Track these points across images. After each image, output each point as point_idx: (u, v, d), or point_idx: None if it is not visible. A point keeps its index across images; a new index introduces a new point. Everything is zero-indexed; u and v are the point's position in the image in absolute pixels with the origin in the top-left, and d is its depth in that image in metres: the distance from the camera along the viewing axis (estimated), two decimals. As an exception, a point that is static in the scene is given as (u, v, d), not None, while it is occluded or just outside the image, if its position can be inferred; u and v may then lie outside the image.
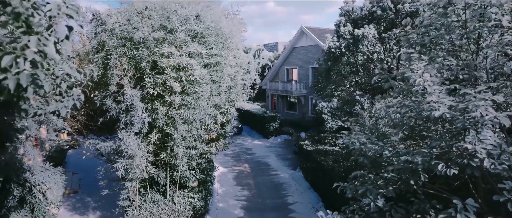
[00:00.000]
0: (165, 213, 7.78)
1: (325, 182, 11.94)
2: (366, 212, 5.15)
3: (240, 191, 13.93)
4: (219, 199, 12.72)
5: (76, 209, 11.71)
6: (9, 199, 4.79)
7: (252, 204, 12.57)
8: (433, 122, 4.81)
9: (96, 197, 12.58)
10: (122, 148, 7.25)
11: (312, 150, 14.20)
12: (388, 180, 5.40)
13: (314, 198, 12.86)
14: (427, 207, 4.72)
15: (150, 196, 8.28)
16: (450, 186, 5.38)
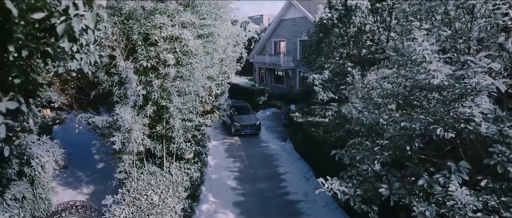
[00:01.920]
0: (163, 184, 7.88)
1: (315, 153, 12.32)
2: (363, 176, 5.41)
3: (232, 163, 14.20)
4: (212, 171, 12.95)
5: (69, 184, 11.66)
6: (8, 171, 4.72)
7: (245, 175, 12.89)
8: (429, 90, 4.98)
9: (87, 172, 12.53)
10: (119, 122, 7.16)
11: (302, 121, 14.47)
12: (384, 147, 5.65)
13: (304, 168, 13.30)
14: (421, 171, 5.01)
15: (147, 168, 8.33)
16: (439, 152, 5.69)
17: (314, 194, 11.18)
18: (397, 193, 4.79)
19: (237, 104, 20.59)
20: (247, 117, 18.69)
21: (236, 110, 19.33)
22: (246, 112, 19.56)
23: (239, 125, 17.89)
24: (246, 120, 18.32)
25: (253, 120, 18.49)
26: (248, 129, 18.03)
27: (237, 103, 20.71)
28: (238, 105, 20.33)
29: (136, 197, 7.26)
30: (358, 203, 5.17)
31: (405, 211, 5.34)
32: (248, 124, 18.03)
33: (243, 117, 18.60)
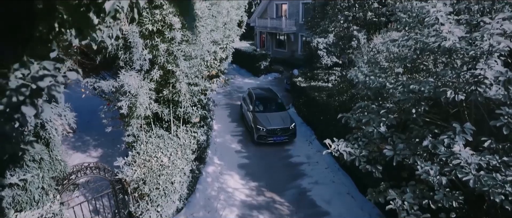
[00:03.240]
0: (171, 146, 8.11)
1: (318, 117, 12.51)
2: (368, 138, 5.59)
3: (235, 127, 14.46)
4: (216, 135, 13.22)
5: (77, 148, 11.97)
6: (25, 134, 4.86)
7: (248, 139, 13.19)
8: (439, 53, 4.98)
9: (94, 136, 12.80)
10: (125, 87, 7.20)
11: (305, 86, 14.50)
12: (389, 110, 5.77)
13: (307, 132, 13.57)
14: (425, 133, 5.16)
15: (155, 131, 8.51)
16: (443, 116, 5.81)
17: (317, 157, 11.55)
18: (401, 154, 4.98)
19: (260, 92, 14.75)
20: (276, 117, 12.79)
21: (258, 101, 13.74)
22: (273, 106, 13.73)
23: (264, 130, 12.17)
24: (275, 122, 12.47)
25: (285, 121, 12.58)
26: (279, 136, 12.22)
27: (259, 91, 14.86)
28: (261, 94, 14.35)
29: (146, 159, 7.51)
30: (363, 163, 5.39)
31: (408, 171, 5.58)
32: (278, 129, 12.22)
33: (270, 116, 12.78)
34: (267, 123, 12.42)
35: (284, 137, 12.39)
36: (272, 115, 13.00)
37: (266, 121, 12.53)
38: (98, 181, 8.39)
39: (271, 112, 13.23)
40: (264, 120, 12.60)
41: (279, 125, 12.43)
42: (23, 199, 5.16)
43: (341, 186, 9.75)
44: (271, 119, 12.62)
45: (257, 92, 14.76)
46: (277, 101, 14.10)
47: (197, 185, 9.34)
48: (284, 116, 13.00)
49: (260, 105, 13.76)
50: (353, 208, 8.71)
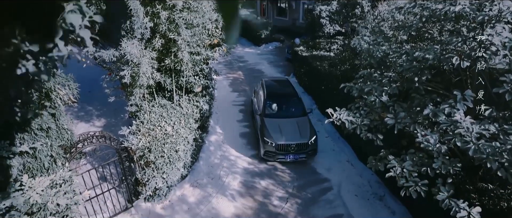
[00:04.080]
0: (174, 115, 8.21)
1: (319, 86, 12.52)
2: (370, 107, 5.65)
3: (237, 96, 14.51)
4: (217, 104, 13.30)
5: (80, 118, 12.10)
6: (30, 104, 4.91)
7: (249, 108, 13.28)
8: (446, 20, 4.90)
9: (96, 106, 12.89)
10: (127, 56, 7.15)
11: (307, 55, 14.36)
12: (392, 79, 5.78)
13: (308, 101, 13.63)
14: (427, 101, 5.21)
15: (158, 101, 8.57)
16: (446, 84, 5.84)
17: (317, 126, 11.69)
18: (402, 122, 5.07)
19: (273, 86, 11.35)
20: (291, 125, 9.51)
21: (270, 100, 10.38)
22: (289, 108, 10.35)
23: (272, 145, 9.03)
24: (290, 132, 9.25)
25: (303, 131, 9.28)
26: (293, 154, 9.03)
27: (272, 84, 11.50)
28: (274, 90, 10.95)
29: (150, 128, 7.63)
30: (364, 132, 5.50)
31: (408, 139, 5.71)
32: (293, 145, 8.99)
33: (283, 124, 9.50)
34: (277, 134, 9.10)
35: (301, 155, 8.99)
36: (286, 122, 9.56)
37: (276, 131, 9.21)
38: (104, 150, 8.59)
39: (285, 118, 9.76)
40: (275, 129, 9.28)
41: (294, 138, 8.98)
42: (34, 166, 5.33)
43: (341, 154, 9.98)
44: (284, 129, 9.26)
45: (270, 85, 11.31)
46: (295, 100, 10.50)
47: (201, 154, 9.57)
48: (302, 124, 9.50)
49: (271, 105, 10.26)
50: (352, 175, 8.99)
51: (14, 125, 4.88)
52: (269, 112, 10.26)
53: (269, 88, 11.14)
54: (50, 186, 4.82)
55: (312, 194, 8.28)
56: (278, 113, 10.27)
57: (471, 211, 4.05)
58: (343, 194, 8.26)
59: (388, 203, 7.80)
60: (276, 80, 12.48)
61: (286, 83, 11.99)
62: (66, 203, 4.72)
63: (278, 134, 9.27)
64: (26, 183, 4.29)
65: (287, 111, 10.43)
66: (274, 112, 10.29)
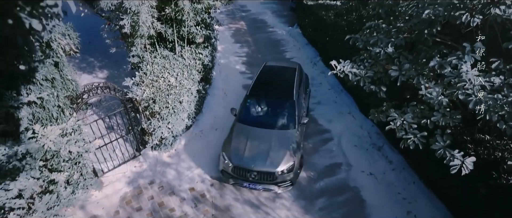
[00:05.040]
0: (177, 67, 8.18)
1: (324, 38, 12.23)
2: (375, 59, 5.58)
3: (239, 48, 14.26)
4: (220, 56, 13.15)
5: (83, 69, 12.06)
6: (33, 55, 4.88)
7: (252, 59, 13.14)
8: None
9: (98, 57, 12.77)
10: (125, 4, 6.90)
11: (312, 5, 13.79)
12: (399, 29, 5.62)
13: (312, 53, 13.43)
14: (434, 53, 5.13)
15: (160, 52, 8.47)
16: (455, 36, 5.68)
17: (320, 78, 11.67)
18: (406, 74, 5.04)
19: (268, 76, 8.70)
20: (264, 141, 6.99)
21: (254, 97, 8.03)
22: (274, 119, 7.57)
23: (229, 165, 6.76)
24: (255, 154, 6.77)
25: (275, 156, 6.71)
26: (254, 183, 6.72)
27: (269, 72, 8.87)
28: (265, 85, 8.35)
29: (154, 79, 7.65)
30: (367, 84, 5.50)
31: (411, 91, 5.72)
32: (254, 172, 6.62)
33: (254, 138, 7.07)
34: (240, 150, 6.77)
35: (268, 187, 6.66)
36: (262, 135, 7.05)
37: (241, 145, 6.86)
38: (109, 100, 8.72)
39: (264, 128, 7.24)
40: (241, 141, 6.93)
41: (258, 162, 6.56)
42: (43, 116, 5.47)
43: (343, 106, 10.10)
44: (253, 144, 6.84)
45: (266, 75, 8.59)
46: (287, 105, 7.65)
47: (204, 105, 9.70)
48: (282, 142, 6.92)
49: (252, 107, 7.76)
50: (353, 126, 9.19)
51: (20, 76, 4.91)
52: (246, 117, 7.54)
53: (260, 81, 8.39)
54: (61, 134, 5.00)
55: (313, 144, 8.55)
56: (258, 119, 7.53)
57: (465, 161, 4.22)
58: (343, 144, 8.52)
59: (386, 153, 8.09)
60: (280, 67, 9.19)
61: (289, 76, 8.45)
62: (77, 150, 4.94)
63: (241, 150, 6.73)
64: (38, 132, 4.44)
65: (270, 118, 7.52)
66: (253, 116, 7.61)
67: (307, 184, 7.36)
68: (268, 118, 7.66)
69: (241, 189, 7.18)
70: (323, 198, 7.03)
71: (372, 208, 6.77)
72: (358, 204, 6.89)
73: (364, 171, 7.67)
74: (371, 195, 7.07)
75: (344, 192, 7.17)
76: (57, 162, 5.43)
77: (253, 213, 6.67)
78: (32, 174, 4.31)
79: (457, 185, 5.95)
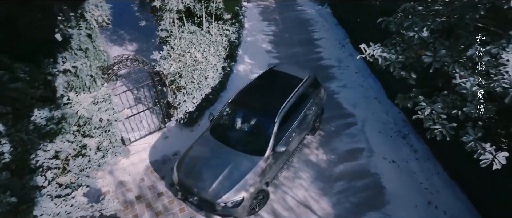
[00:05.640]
0: (204, 43, 8.23)
1: (355, 19, 11.76)
2: (408, 44, 5.32)
3: (267, 26, 14.06)
4: (246, 34, 13.05)
5: (114, 41, 12.43)
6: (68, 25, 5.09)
7: (279, 38, 12.95)
8: None
9: (128, 30, 13.08)
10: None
11: (345, -17, 13.20)
12: (437, 12, 5.29)
13: (341, 35, 13.02)
14: (473, 40, 4.80)
15: (187, 27, 8.54)
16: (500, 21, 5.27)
17: (348, 61, 11.35)
18: (441, 61, 4.78)
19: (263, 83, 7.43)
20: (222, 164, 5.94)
21: (235, 108, 6.90)
22: (245, 140, 6.53)
23: (176, 177, 6.11)
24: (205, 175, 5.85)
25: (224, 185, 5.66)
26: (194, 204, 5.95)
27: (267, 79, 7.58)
28: (253, 97, 7.10)
29: (181, 54, 7.77)
30: (398, 70, 5.28)
31: (444, 79, 5.45)
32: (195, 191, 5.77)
33: (216, 156, 6.14)
34: (191, 164, 6.06)
35: (208, 215, 5.99)
36: (224, 153, 6.15)
37: (197, 159, 6.13)
38: (137, 73, 9.01)
39: (227, 146, 6.27)
40: (199, 155, 6.23)
41: (201, 184, 5.74)
42: (76, 84, 5.77)
43: (369, 91, 9.83)
44: (210, 162, 6.06)
45: (261, 82, 7.42)
46: (265, 127, 6.39)
47: (228, 82, 9.78)
48: (240, 169, 5.87)
49: (229, 115, 6.85)
50: (378, 112, 8.96)
51: (56, 45, 5.16)
52: (217, 127, 6.68)
53: (252, 88, 7.19)
54: (93, 102, 5.26)
55: (336, 127, 8.47)
56: (227, 134, 6.62)
57: (497, 155, 4.02)
58: (366, 129, 8.37)
59: (411, 142, 7.87)
60: (286, 75, 7.49)
61: (289, 89, 6.94)
62: (107, 118, 5.21)
63: (192, 165, 5.99)
64: (72, 99, 4.71)
65: (240, 137, 6.55)
66: (224, 129, 6.70)
67: (327, 167, 7.37)
68: (237, 136, 6.56)
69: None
70: (342, 182, 7.02)
71: (392, 195, 6.70)
72: (378, 190, 6.84)
73: (386, 158, 7.54)
74: (392, 182, 6.97)
75: (364, 178, 7.12)
76: (89, 128, 5.76)
77: (273, 191, 6.81)
78: (67, 138, 4.62)
79: (485, 180, 5.73)
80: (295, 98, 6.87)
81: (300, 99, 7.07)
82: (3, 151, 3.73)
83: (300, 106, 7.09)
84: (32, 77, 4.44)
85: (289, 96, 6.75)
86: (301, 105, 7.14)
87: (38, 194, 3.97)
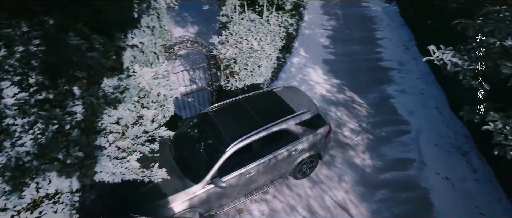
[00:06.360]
0: (262, 31, 8.29)
1: (425, 20, 10.88)
2: (486, 50, 4.79)
3: (327, 20, 13.65)
4: (305, 26, 12.82)
5: (177, 22, 13.11)
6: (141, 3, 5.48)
7: (338, 34, 12.52)
8: None
9: (191, 13, 13.68)
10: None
11: (419, -19, 12.21)
12: (527, 20, 4.67)
13: (406, 36, 12.16)
14: None
15: (248, 14, 8.66)
16: None
17: (410, 65, 10.60)
18: (523, 75, 4.24)
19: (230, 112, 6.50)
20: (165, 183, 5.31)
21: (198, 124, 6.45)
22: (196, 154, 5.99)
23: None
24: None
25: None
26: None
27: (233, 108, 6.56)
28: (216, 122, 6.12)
29: (238, 40, 7.93)
30: (468, 78, 4.81)
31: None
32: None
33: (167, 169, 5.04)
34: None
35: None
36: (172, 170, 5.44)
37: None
38: (195, 54, 9.43)
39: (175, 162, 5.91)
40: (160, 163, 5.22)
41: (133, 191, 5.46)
42: (141, 59, 6.23)
43: (430, 99, 9.10)
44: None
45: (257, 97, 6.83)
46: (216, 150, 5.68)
47: (281, 73, 9.77)
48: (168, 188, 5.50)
49: (193, 128, 6.43)
50: (437, 123, 8.28)
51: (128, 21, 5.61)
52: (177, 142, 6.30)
53: (228, 109, 6.53)
54: (153, 77, 5.65)
55: (387, 133, 8.03)
56: (182, 151, 6.16)
57: None
58: (421, 140, 7.81)
59: (471, 160, 7.17)
60: (281, 102, 6.63)
61: (270, 118, 6.10)
62: (165, 93, 5.57)
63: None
64: (136, 72, 5.12)
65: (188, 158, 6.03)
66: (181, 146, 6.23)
67: (371, 172, 7.06)
68: (186, 153, 6.05)
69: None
70: (385, 190, 6.69)
71: (440, 214, 6.22)
72: (424, 206, 6.39)
73: (439, 174, 6.98)
74: (442, 200, 6.45)
75: (410, 190, 6.69)
76: (147, 101, 6.21)
77: (311, 187, 6.74)
78: (128, 107, 5.05)
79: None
80: (270, 131, 5.89)
81: (280, 135, 6.09)
82: (76, 111, 4.22)
83: (278, 143, 6.14)
84: (105, 48, 4.90)
85: (261, 128, 5.84)
86: (280, 142, 6.15)
87: (100, 153, 4.43)
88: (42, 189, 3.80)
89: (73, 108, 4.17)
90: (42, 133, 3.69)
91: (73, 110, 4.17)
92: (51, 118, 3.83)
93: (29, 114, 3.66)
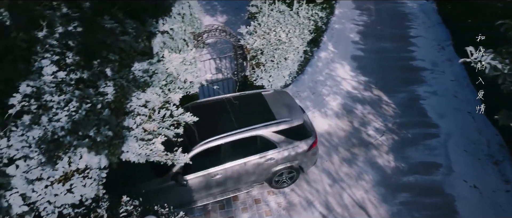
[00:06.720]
0: (290, 23, 8.21)
1: (465, 19, 10.28)
2: (530, 56, 4.48)
3: (358, 15, 13.24)
4: (335, 20, 12.51)
5: (206, 11, 13.21)
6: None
7: (370, 30, 12.12)
8: None
9: (221, 2, 13.74)
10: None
11: (461, -23, 11.51)
12: None
13: (442, 35, 11.57)
14: None
15: (277, 6, 8.59)
16: None
17: (444, 66, 10.10)
18: None
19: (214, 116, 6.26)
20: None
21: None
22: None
23: None
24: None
25: None
26: None
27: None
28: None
29: (266, 31, 7.91)
30: (508, 83, 4.53)
31: None
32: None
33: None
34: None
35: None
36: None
37: None
38: (223, 43, 9.51)
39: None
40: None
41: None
42: (171, 45, 6.39)
43: (463, 103, 8.66)
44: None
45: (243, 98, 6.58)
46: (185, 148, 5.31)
47: (307, 67, 9.65)
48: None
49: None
50: (469, 128, 7.89)
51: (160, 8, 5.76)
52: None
53: (210, 107, 6.42)
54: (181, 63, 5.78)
55: (413, 135, 7.76)
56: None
57: None
58: (449, 145, 7.48)
59: (504, 170, 6.80)
60: (265, 107, 6.37)
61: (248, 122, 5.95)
62: (191, 80, 5.69)
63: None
64: (165, 57, 5.25)
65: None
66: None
67: (393, 174, 6.88)
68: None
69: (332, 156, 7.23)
70: (407, 194, 6.51)
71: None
72: (449, 214, 6.17)
73: (467, 182, 6.69)
74: (468, 209, 6.19)
75: (434, 196, 6.47)
76: (173, 87, 6.38)
77: (330, 184, 6.69)
78: (155, 91, 5.21)
79: None
80: (243, 136, 5.72)
81: (255, 141, 5.87)
82: (107, 92, 4.42)
83: (252, 149, 5.92)
84: (137, 33, 5.07)
85: (235, 131, 5.72)
86: (254, 149, 5.93)
87: (128, 134, 4.62)
88: (74, 164, 4.04)
89: (105, 88, 4.36)
90: (76, 110, 3.91)
91: (105, 90, 4.37)
92: (85, 97, 4.04)
93: (65, 92, 3.88)
